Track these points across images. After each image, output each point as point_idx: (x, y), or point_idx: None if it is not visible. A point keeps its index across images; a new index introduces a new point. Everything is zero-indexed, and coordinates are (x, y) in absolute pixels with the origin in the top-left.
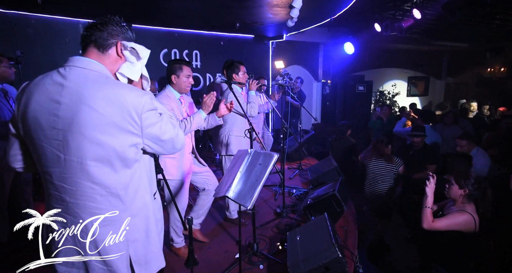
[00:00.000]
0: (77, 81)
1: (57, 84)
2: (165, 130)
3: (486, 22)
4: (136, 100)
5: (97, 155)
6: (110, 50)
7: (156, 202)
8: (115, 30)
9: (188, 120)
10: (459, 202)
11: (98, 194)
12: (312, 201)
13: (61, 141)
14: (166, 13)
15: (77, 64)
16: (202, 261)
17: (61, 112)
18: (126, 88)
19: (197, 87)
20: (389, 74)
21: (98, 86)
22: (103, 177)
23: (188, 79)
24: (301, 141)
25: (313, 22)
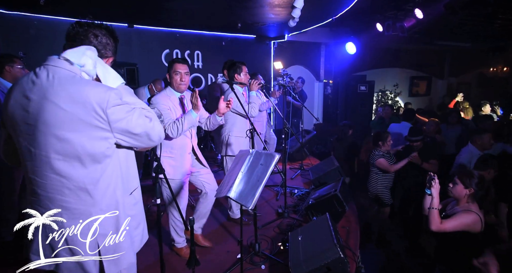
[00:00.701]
0: (46, 79)
1: (30, 81)
2: (137, 123)
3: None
4: (99, 96)
5: (63, 150)
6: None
7: (131, 198)
8: (109, 45)
9: (180, 121)
10: (464, 201)
11: (66, 188)
12: (313, 201)
13: (31, 135)
14: (168, 14)
15: (51, 63)
16: (203, 261)
17: (30, 108)
18: (90, 85)
19: (199, 87)
20: (391, 74)
21: (64, 83)
22: (71, 171)
23: (177, 75)
24: (302, 141)
25: (315, 22)
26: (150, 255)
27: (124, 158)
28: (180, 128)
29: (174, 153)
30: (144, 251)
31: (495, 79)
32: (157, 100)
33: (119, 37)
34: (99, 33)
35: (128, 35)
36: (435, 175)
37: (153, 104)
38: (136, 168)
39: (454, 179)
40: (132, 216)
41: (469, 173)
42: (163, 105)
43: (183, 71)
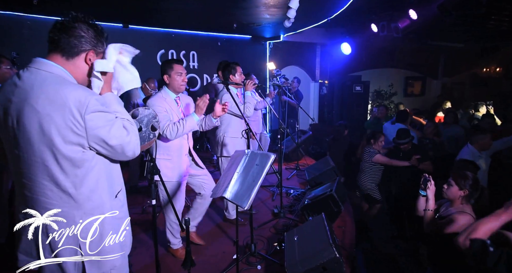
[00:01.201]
0: (27, 81)
1: (13, 84)
2: (114, 135)
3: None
4: (80, 100)
5: (41, 153)
6: (77, 58)
7: (117, 201)
8: (84, 37)
9: (180, 123)
10: (458, 203)
11: (49, 190)
12: (309, 201)
13: (14, 138)
14: (163, 14)
15: (35, 65)
16: (199, 262)
17: (11, 110)
18: (70, 88)
19: (194, 88)
20: (386, 74)
21: (44, 85)
22: (51, 174)
23: (179, 76)
24: (298, 141)
25: (310, 23)
26: (146, 256)
27: (107, 161)
28: (180, 130)
29: (171, 155)
30: (140, 252)
31: (489, 79)
32: (153, 103)
33: (114, 38)
34: (73, 31)
35: (123, 36)
36: (429, 176)
37: (148, 105)
38: (119, 169)
39: (449, 181)
40: (119, 218)
41: (463, 174)
42: (159, 107)
43: (183, 71)
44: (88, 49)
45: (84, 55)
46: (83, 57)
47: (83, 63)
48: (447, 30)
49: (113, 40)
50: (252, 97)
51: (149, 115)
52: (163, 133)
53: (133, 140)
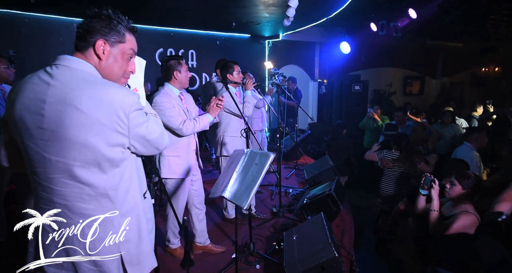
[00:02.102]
0: (63, 80)
1: (43, 82)
2: (152, 130)
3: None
4: (124, 100)
5: (82, 156)
6: (90, 50)
7: (147, 201)
8: (92, 27)
9: (197, 120)
10: (461, 202)
11: (86, 195)
12: (308, 201)
13: (46, 141)
14: (162, 12)
15: (65, 63)
16: (198, 261)
17: (46, 111)
18: (114, 87)
19: (193, 86)
20: (385, 73)
21: (85, 85)
22: (90, 177)
23: (187, 72)
24: (297, 140)
25: (310, 22)
26: None
27: (136, 160)
28: (196, 127)
29: (180, 152)
30: None
31: (487, 79)
32: (161, 100)
33: None
34: (84, 25)
35: None
36: (431, 175)
37: (156, 104)
38: (143, 169)
39: (452, 180)
40: (149, 219)
41: (466, 174)
42: (168, 103)
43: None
44: (96, 39)
45: (93, 46)
46: (92, 49)
47: (95, 56)
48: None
49: None
50: (252, 96)
51: None
52: (178, 127)
53: (164, 132)
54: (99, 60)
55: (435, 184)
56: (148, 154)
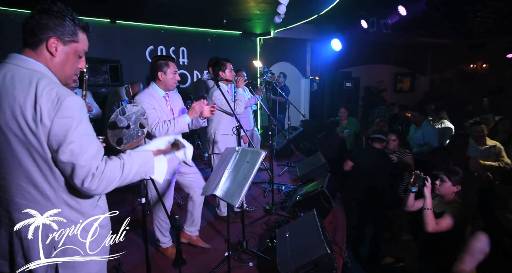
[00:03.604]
0: (4, 78)
1: None
2: (82, 148)
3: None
4: (54, 101)
5: (19, 153)
6: (41, 47)
7: (98, 209)
8: (45, 24)
9: (171, 123)
10: (451, 198)
11: (26, 192)
12: (301, 198)
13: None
14: (151, 9)
15: (13, 61)
16: (190, 260)
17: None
18: (49, 88)
19: (184, 84)
20: (376, 70)
21: (21, 84)
22: (29, 175)
23: (174, 75)
24: (289, 138)
25: (301, 19)
26: (136, 255)
27: None
28: (170, 129)
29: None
30: (130, 251)
31: (475, 75)
32: (141, 99)
33: (101, 33)
34: (33, 21)
35: (110, 31)
36: (422, 173)
37: (136, 102)
38: None
39: (442, 177)
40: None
41: (454, 170)
42: (147, 104)
43: (177, 70)
44: (49, 36)
45: (45, 43)
46: (44, 46)
47: (47, 53)
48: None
49: (101, 36)
50: (243, 95)
51: (137, 112)
52: (152, 130)
53: (94, 171)
54: (51, 56)
55: (428, 182)
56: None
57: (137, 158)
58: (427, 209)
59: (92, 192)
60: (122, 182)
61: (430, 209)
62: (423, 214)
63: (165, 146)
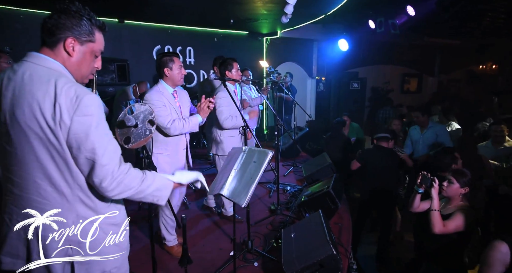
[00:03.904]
0: (23, 76)
1: (7, 78)
2: (104, 149)
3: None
4: (73, 99)
5: (37, 150)
6: (59, 46)
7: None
8: (62, 24)
9: (186, 121)
10: (458, 200)
11: (42, 189)
12: (306, 198)
13: (5, 133)
14: (159, 9)
15: (31, 59)
16: (196, 259)
17: (4, 105)
18: (67, 85)
19: (191, 84)
20: (383, 71)
21: (40, 82)
22: (46, 172)
23: (180, 70)
24: (295, 138)
25: (308, 19)
26: (142, 253)
27: None
28: (185, 128)
29: (169, 150)
30: (136, 249)
31: (484, 76)
32: (151, 97)
33: (109, 33)
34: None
35: (118, 31)
36: (428, 174)
37: (146, 101)
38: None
39: (449, 178)
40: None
41: (462, 172)
42: (158, 101)
43: (182, 65)
44: (66, 36)
45: (62, 43)
46: (62, 46)
47: (65, 53)
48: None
49: (108, 35)
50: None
51: (145, 111)
52: (166, 126)
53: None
54: (69, 56)
55: (436, 183)
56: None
57: (158, 180)
58: (435, 210)
59: (107, 193)
60: (135, 194)
61: (437, 210)
62: (430, 216)
63: (186, 182)
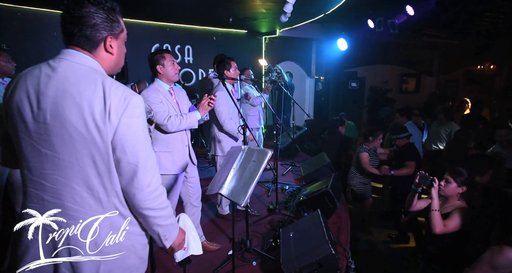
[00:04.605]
0: (65, 74)
1: (45, 75)
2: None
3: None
4: (121, 99)
5: (80, 153)
6: (99, 49)
7: None
8: (96, 24)
9: (184, 117)
10: (455, 199)
11: (78, 195)
12: (305, 198)
13: (43, 134)
14: (158, 7)
15: (69, 57)
16: (194, 258)
17: (44, 104)
18: (115, 85)
19: (190, 82)
20: (381, 70)
21: (86, 81)
22: (85, 177)
23: (173, 65)
24: (294, 137)
25: (307, 18)
26: None
27: None
28: (182, 124)
29: (171, 147)
30: None
31: (482, 76)
32: (148, 94)
33: None
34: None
35: None
36: (426, 173)
37: (143, 98)
38: None
39: (447, 178)
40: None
41: (459, 171)
42: (155, 98)
43: (174, 60)
44: (104, 36)
45: (102, 44)
46: (102, 47)
47: (105, 53)
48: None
49: None
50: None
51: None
52: (163, 123)
53: (153, 171)
54: (109, 54)
55: (436, 183)
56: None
57: (175, 225)
58: (435, 210)
59: (145, 201)
60: (152, 214)
61: (437, 210)
62: (431, 216)
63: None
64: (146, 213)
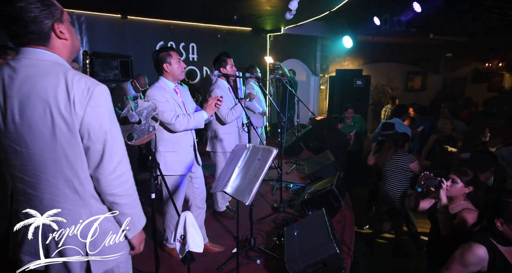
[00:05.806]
0: (26, 73)
1: (7, 77)
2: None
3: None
4: (85, 89)
5: (51, 147)
6: (52, 40)
7: None
8: (37, 16)
9: (191, 116)
10: (460, 200)
11: (55, 187)
12: (309, 196)
13: (16, 134)
14: (162, 5)
15: (27, 55)
16: (198, 256)
17: (11, 105)
18: (79, 76)
19: (194, 80)
20: (387, 68)
21: (48, 76)
22: (59, 169)
23: (179, 63)
24: (298, 135)
25: (312, 15)
26: (145, 250)
27: None
28: (190, 123)
29: (176, 148)
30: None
31: (490, 74)
32: (153, 93)
33: (112, 29)
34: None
35: (121, 27)
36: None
37: (149, 97)
38: None
39: (453, 178)
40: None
41: (465, 171)
42: (161, 97)
43: (180, 58)
44: (51, 25)
45: (53, 33)
46: (54, 36)
47: (59, 41)
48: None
49: (112, 31)
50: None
51: (148, 108)
52: (171, 122)
53: (125, 161)
54: (64, 41)
55: (444, 184)
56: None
57: (140, 217)
58: (444, 213)
59: (109, 187)
60: (117, 201)
61: (447, 213)
62: (440, 219)
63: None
64: (110, 199)
